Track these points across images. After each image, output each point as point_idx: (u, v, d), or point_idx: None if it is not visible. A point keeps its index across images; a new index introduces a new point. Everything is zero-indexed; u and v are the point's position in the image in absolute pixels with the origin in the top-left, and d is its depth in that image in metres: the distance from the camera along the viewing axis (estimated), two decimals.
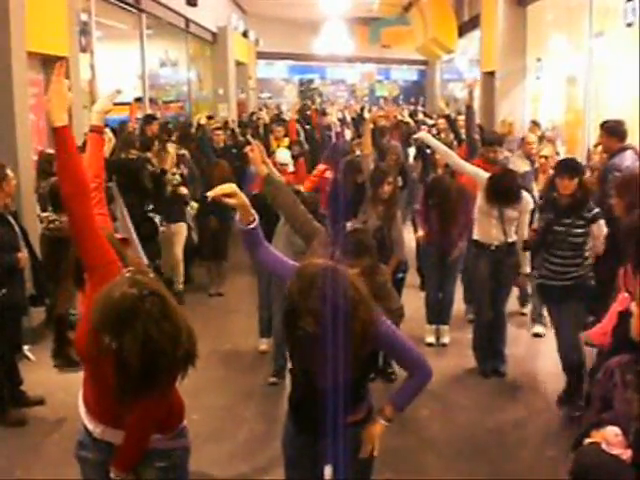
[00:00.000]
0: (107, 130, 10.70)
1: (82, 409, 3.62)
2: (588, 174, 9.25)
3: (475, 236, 7.96)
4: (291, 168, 11.11)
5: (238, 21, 27.27)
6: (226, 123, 18.45)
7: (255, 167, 5.82)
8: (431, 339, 8.78)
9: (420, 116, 22.62)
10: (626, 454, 3.72)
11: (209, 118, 16.66)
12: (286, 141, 14.29)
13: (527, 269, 7.74)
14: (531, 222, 7.82)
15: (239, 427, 6.60)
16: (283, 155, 10.86)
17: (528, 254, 7.63)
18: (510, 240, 7.67)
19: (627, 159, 8.05)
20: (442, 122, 16.92)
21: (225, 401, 7.19)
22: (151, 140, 12.16)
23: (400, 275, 7.90)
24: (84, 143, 10.14)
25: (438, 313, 8.73)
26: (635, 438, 3.70)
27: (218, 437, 6.38)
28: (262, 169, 5.59)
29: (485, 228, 7.77)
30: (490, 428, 6.59)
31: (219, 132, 14.23)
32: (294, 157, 12.93)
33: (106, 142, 9.45)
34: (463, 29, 25.45)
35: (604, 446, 3.77)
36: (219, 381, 7.65)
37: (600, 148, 9.15)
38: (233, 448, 6.24)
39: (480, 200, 7.76)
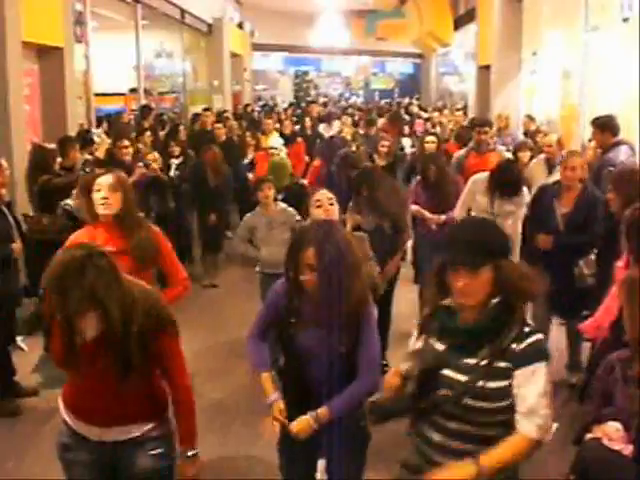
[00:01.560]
0: (99, 131, 10.53)
1: (66, 415, 3.63)
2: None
3: None
4: (283, 154, 11.20)
5: (233, 12, 27.21)
6: (223, 113, 18.38)
7: None
8: None
9: (415, 109, 22.62)
10: (627, 450, 3.70)
11: (205, 110, 16.61)
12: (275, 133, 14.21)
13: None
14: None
15: (232, 419, 6.57)
16: (275, 140, 11.01)
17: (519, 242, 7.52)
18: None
19: (621, 154, 8.04)
20: (436, 115, 16.98)
21: (218, 392, 7.16)
22: (145, 131, 12.14)
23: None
24: (78, 133, 10.15)
25: None
26: (637, 434, 3.69)
27: (210, 429, 6.36)
28: None
29: None
30: None
31: (219, 125, 13.56)
32: (290, 138, 12.98)
33: (99, 143, 9.36)
34: (459, 22, 25.46)
35: (605, 442, 3.76)
36: (212, 372, 7.62)
37: (594, 143, 9.14)
38: (225, 439, 6.21)
39: (478, 197, 7.74)
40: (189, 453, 3.62)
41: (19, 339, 7.82)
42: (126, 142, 9.94)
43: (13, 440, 6.14)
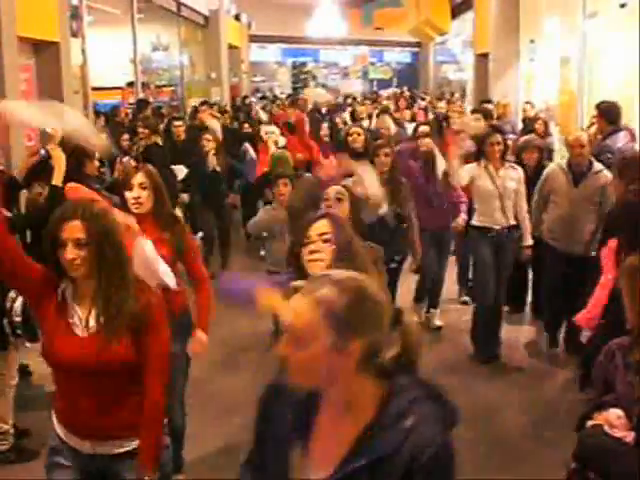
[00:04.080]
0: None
1: (58, 428, 3.53)
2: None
3: (475, 222, 7.69)
4: (282, 142, 11.02)
5: (230, 4, 27.14)
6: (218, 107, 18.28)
7: None
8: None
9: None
10: (629, 436, 3.70)
11: (202, 104, 16.43)
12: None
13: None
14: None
15: (235, 412, 6.56)
16: (271, 128, 10.86)
17: (528, 225, 7.48)
18: (512, 223, 7.45)
19: (620, 140, 8.01)
20: (443, 106, 16.87)
21: (222, 384, 7.15)
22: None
23: (393, 265, 7.08)
24: None
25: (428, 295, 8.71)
26: (638, 421, 3.69)
27: (211, 422, 6.35)
28: None
29: (488, 211, 7.51)
30: (486, 409, 6.57)
31: (178, 123, 12.27)
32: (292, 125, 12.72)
33: (51, 137, 9.09)
34: (456, 11, 25.37)
35: (607, 428, 3.76)
36: (217, 364, 7.59)
37: (593, 129, 9.11)
38: (231, 429, 6.20)
39: (479, 182, 7.52)
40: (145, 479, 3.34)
41: None
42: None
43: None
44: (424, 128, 9.93)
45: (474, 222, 7.73)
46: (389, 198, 7.15)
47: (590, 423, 3.87)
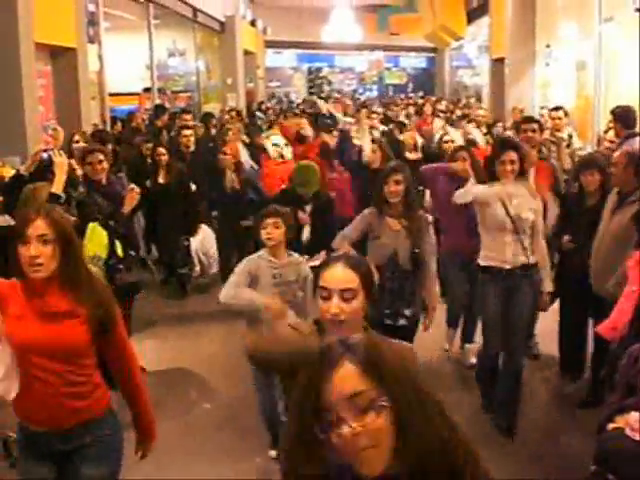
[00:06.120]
0: (53, 123, 10.01)
1: None
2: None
3: (481, 260, 6.15)
4: (288, 155, 10.37)
5: (246, 10, 27.24)
6: (238, 113, 18.09)
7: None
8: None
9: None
10: None
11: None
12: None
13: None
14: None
15: (249, 416, 6.55)
16: (277, 138, 10.60)
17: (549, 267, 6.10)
18: (531, 261, 5.94)
19: (635, 144, 7.96)
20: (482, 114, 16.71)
21: (239, 389, 7.14)
22: (160, 130, 12.14)
23: (402, 321, 5.92)
24: (92, 134, 10.13)
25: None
26: None
27: (225, 425, 6.35)
28: None
29: (497, 246, 6.00)
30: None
31: (187, 132, 10.73)
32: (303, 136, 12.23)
33: (55, 136, 8.66)
34: (472, 15, 25.39)
35: (628, 432, 3.73)
36: (228, 373, 7.58)
37: (610, 134, 9.07)
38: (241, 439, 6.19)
39: (490, 210, 5.97)
40: None
41: None
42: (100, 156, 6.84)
43: None
44: (449, 137, 9.21)
45: (480, 260, 6.14)
46: (404, 234, 5.91)
47: (611, 426, 3.84)
